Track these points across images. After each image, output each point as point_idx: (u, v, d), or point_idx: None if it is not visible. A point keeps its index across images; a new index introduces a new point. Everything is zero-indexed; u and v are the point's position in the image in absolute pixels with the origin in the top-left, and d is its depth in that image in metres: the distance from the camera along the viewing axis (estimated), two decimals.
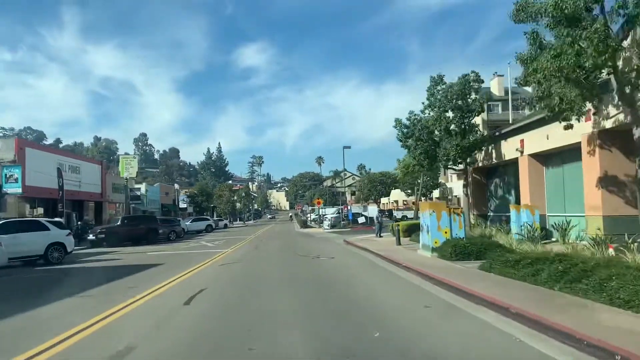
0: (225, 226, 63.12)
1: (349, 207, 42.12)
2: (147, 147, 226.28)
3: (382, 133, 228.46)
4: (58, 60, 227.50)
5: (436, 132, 19.25)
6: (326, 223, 42.36)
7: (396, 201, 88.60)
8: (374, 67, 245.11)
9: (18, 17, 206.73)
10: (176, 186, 54.16)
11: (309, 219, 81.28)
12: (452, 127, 18.72)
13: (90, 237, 29.16)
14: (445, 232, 15.92)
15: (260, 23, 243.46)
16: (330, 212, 51.28)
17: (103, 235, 28.85)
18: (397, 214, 57.35)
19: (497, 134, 19.25)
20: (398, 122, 20.96)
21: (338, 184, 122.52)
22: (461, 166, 20.73)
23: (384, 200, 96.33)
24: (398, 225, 28.40)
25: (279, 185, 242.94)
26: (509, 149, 18.69)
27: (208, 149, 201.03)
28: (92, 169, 39.38)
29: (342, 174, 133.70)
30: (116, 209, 43.50)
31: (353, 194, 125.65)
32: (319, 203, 44.74)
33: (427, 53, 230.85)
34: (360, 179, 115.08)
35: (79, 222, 32.94)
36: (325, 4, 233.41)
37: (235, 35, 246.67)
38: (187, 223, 46.37)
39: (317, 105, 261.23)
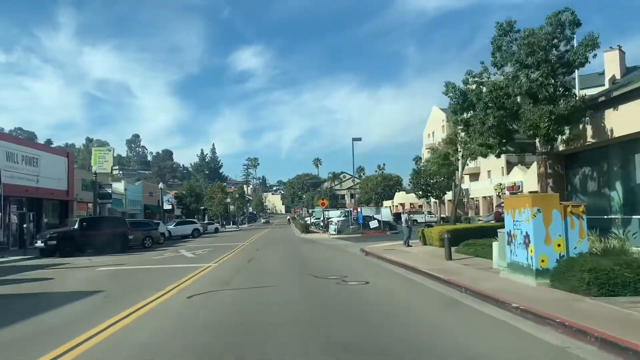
0: (217, 230, 56.73)
1: (358, 210, 35.95)
2: (139, 149, 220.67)
3: (377, 137, 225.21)
4: (54, 62, 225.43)
5: (513, 99, 13.08)
6: (332, 228, 36.18)
7: (402, 204, 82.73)
8: (371, 71, 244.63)
9: (13, 19, 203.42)
10: (160, 185, 47.63)
11: (307, 222, 75.05)
12: (538, 88, 12.58)
13: (39, 243, 22.72)
14: (559, 245, 9.72)
15: (257, 26, 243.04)
16: (334, 215, 45.10)
17: (54, 242, 22.44)
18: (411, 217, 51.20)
19: (602, 99, 13.08)
20: (450, 87, 14.79)
21: (337, 186, 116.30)
22: (542, 148, 14.56)
23: (387, 203, 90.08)
24: (431, 230, 22.26)
25: (274, 188, 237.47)
26: (622, 120, 12.57)
27: (202, 150, 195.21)
28: (55, 161, 32.89)
29: (341, 176, 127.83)
30: (87, 210, 37.03)
31: (352, 196, 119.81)
32: (323, 204, 38.42)
33: (423, 57, 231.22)
34: (361, 182, 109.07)
35: (24, 225, 26.53)
36: (322, 8, 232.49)
37: (232, 38, 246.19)
38: (169, 227, 39.98)
39: (313, 108, 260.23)
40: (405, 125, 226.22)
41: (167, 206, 48.17)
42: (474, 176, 61.44)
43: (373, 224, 35.64)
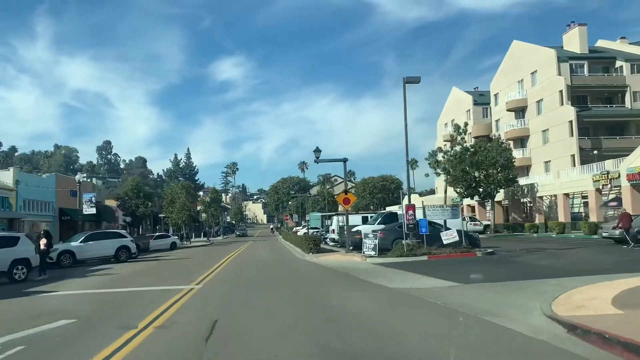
0: (173, 246, 38.69)
1: (414, 211, 18.45)
2: (111, 156, 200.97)
3: (359, 147, 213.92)
4: (30, 72, 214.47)
5: None
6: (369, 244, 18.74)
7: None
8: (351, 82, 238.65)
9: None
10: (78, 177, 29.43)
11: (316, 235, 58.13)
12: None
13: None
14: None
15: (237, 36, 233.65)
16: (355, 220, 27.73)
17: None
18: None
19: None
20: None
21: (328, 189, 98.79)
22: None
23: (392, 209, 72.65)
24: None
25: (255, 197, 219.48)
26: None
27: (175, 155, 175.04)
28: None
29: (332, 179, 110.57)
30: None
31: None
32: (347, 202, 20.16)
33: (403, 68, 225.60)
34: (357, 185, 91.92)
35: None
36: (303, 19, 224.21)
37: (212, 48, 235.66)
38: (74, 244, 22.14)
39: (294, 119, 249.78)
40: (386, 135, 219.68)
41: (88, 210, 30.13)
42: (521, 169, 45.06)
43: (448, 236, 18.40)
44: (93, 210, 30.38)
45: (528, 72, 46.46)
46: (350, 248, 22.06)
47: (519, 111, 48.14)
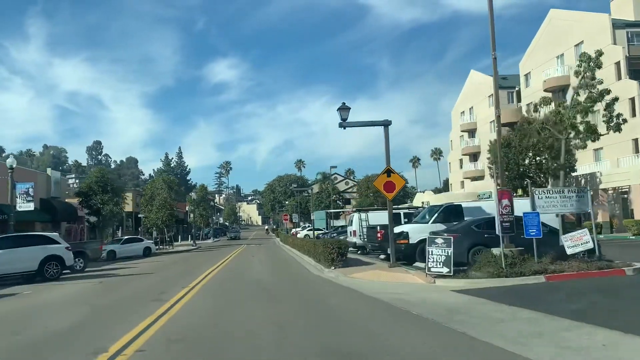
0: (147, 253, 30.85)
1: (510, 200, 10.90)
2: (102, 157, 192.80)
3: (353, 149, 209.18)
4: (23, 74, 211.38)
5: None
6: (438, 255, 11.12)
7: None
8: (346, 83, 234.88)
9: None
10: (10, 161, 21.38)
11: (298, 234, 50.51)
12: None
13: None
14: None
15: (232, 38, 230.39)
16: (379, 218, 20.16)
17: None
18: None
19: None
20: None
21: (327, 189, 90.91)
22: None
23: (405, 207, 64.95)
24: None
25: (250, 198, 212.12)
26: None
27: (166, 154, 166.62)
28: None
29: (332, 177, 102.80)
30: None
31: (347, 202, 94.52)
32: (392, 187, 12.86)
33: (398, 69, 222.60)
34: (359, 183, 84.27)
35: None
36: (297, 20, 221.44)
37: (206, 50, 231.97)
38: None
39: (288, 121, 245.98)
40: (380, 137, 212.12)
41: (23, 205, 22.05)
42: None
43: (575, 240, 10.81)
44: (30, 207, 22.34)
45: (571, 45, 38.97)
46: (383, 257, 14.27)
47: (559, 91, 40.61)
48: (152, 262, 25.20)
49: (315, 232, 45.08)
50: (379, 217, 21.40)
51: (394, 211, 21.79)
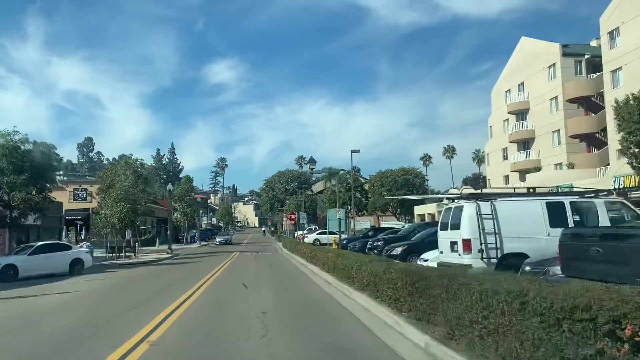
0: (75, 268, 19.06)
1: None
2: (93, 154, 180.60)
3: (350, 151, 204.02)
4: (20, 73, 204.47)
5: None
6: None
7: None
8: (344, 86, 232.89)
9: None
10: None
11: (306, 239, 39.68)
12: None
13: None
14: None
15: (231, 39, 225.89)
16: (538, 210, 8.75)
17: None
18: None
19: None
20: None
21: (333, 187, 79.08)
22: None
23: (420, 210, 52.53)
24: None
25: (246, 198, 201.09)
26: None
27: (158, 150, 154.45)
28: None
29: (339, 172, 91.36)
30: None
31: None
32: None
33: (396, 73, 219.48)
34: (371, 180, 72.70)
35: None
36: (296, 22, 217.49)
37: (205, 51, 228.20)
38: None
39: (286, 122, 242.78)
40: (377, 140, 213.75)
41: None
42: None
43: None
44: None
45: None
46: None
47: None
48: (61, 291, 13.51)
49: (329, 235, 33.54)
50: (517, 211, 9.95)
51: (551, 199, 9.87)
